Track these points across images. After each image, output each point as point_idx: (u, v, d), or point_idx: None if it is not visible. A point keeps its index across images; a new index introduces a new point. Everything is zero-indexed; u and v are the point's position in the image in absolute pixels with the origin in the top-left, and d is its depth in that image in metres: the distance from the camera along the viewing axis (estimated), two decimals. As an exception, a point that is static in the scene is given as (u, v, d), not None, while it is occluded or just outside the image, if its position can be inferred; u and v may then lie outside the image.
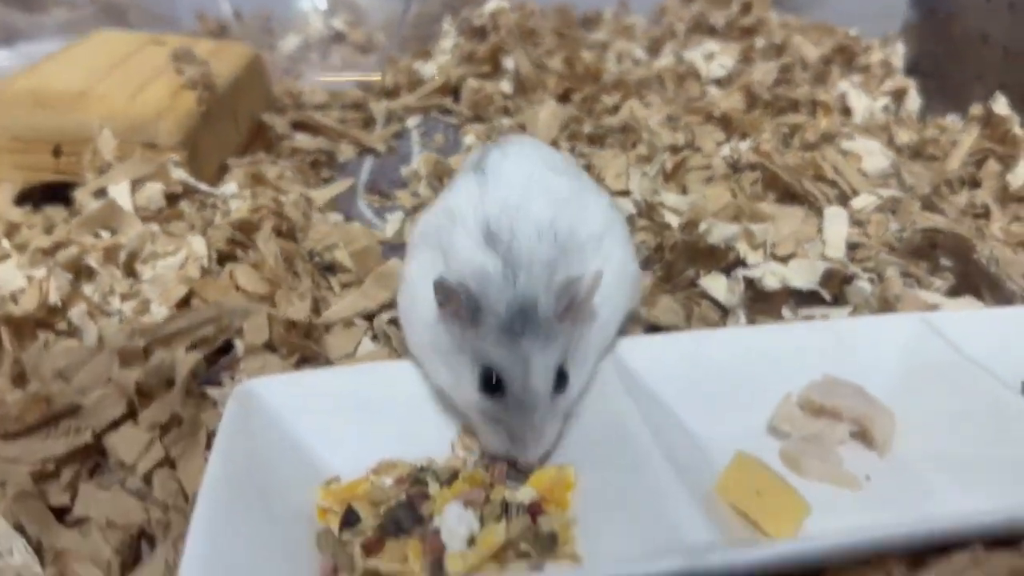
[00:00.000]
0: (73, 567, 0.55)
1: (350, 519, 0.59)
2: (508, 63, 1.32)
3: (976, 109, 1.16)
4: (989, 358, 0.68)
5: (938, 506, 0.60)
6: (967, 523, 0.51)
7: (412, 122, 1.29)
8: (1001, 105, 1.12)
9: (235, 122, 1.16)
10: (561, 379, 0.62)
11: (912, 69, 1.45)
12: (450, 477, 0.63)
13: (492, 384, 0.60)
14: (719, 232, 0.81)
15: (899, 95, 1.33)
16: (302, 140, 1.20)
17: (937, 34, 1.63)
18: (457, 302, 0.60)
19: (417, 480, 0.63)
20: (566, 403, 0.63)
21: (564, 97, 1.27)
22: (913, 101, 1.33)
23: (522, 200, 0.65)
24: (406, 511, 0.59)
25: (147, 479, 0.62)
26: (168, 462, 0.62)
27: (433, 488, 0.61)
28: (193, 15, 1.72)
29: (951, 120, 1.25)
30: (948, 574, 0.51)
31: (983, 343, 0.70)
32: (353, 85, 1.43)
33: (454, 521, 0.56)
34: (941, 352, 0.70)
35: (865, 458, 0.67)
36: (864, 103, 1.27)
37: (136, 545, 0.61)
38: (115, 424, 0.63)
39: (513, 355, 0.59)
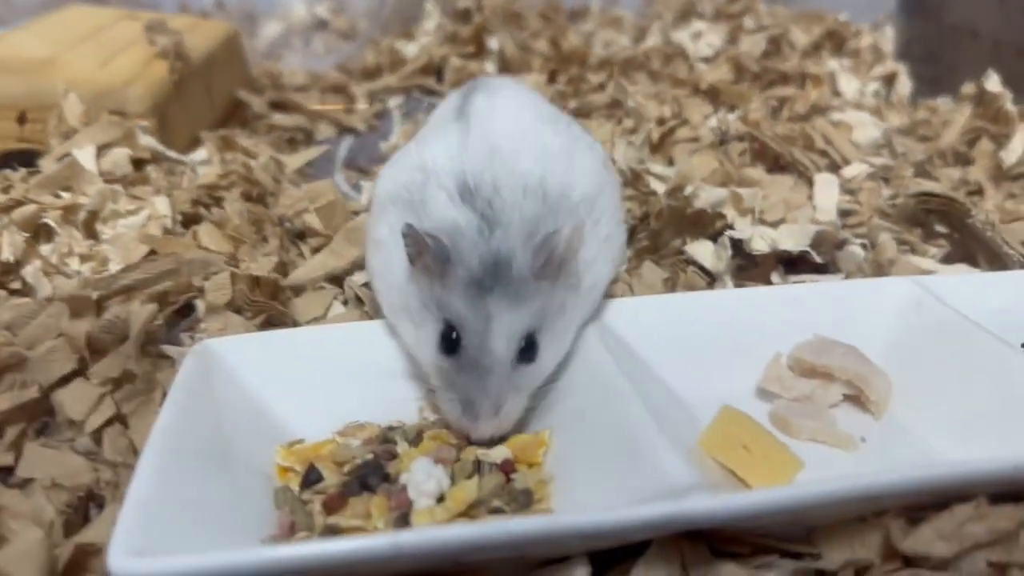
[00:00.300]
0: (9, 524, 0.51)
1: (312, 477, 0.55)
2: (492, 44, 1.30)
3: (968, 88, 1.14)
4: (986, 321, 0.65)
5: (939, 466, 0.57)
6: (970, 470, 0.48)
7: (394, 102, 1.26)
8: (993, 83, 1.10)
9: (209, 97, 1.12)
10: (529, 349, 0.56)
11: (903, 55, 1.43)
12: (418, 438, 0.59)
13: (451, 341, 0.55)
14: (706, 197, 0.78)
15: (889, 79, 1.31)
16: (280, 118, 1.17)
17: (927, 25, 1.61)
18: (426, 252, 0.55)
19: (385, 439, 0.59)
20: (532, 378, 0.57)
21: (550, 78, 1.24)
22: (904, 85, 1.30)
23: (509, 154, 0.60)
24: (373, 469, 0.55)
25: (97, 438, 0.58)
26: (119, 419, 0.58)
27: (402, 447, 0.58)
28: (175, 3, 1.69)
29: (942, 102, 1.22)
30: (951, 527, 0.48)
31: (979, 306, 0.67)
32: (333, 68, 1.40)
33: (422, 476, 0.52)
34: (937, 313, 0.67)
35: (860, 421, 0.63)
36: (854, 86, 1.25)
37: (85, 507, 0.57)
38: (64, 380, 0.60)
39: (475, 311, 0.54)
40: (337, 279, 0.74)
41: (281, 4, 1.66)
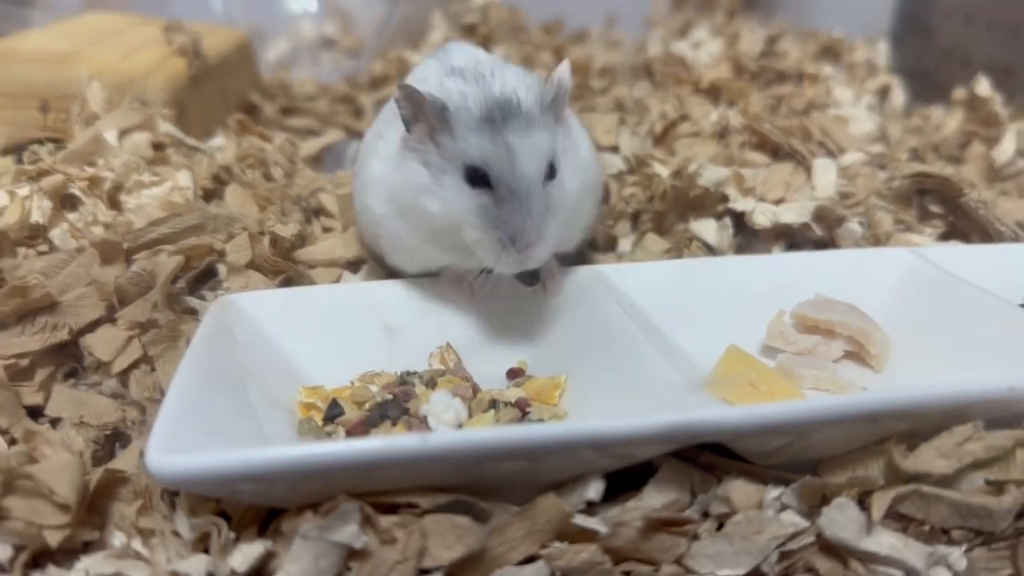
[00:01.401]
0: (43, 449, 0.53)
1: (334, 411, 0.57)
2: (497, 53, 1.33)
3: (959, 93, 1.17)
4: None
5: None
6: (966, 390, 0.50)
7: (401, 108, 1.29)
8: (983, 87, 1.13)
9: (224, 98, 1.15)
10: (551, 168, 0.59)
11: (896, 70, 1.47)
12: (433, 382, 0.61)
13: (479, 177, 0.58)
14: (709, 175, 0.81)
15: (884, 92, 1.35)
16: (292, 121, 1.20)
17: (919, 47, 1.66)
18: (422, 107, 0.58)
19: (403, 382, 0.61)
20: (560, 199, 0.60)
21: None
22: (898, 98, 1.34)
23: (486, 56, 0.68)
24: (393, 404, 0.57)
25: (124, 380, 0.60)
26: (146, 361, 0.60)
27: (419, 389, 0.60)
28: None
29: (935, 111, 1.26)
30: (950, 446, 0.50)
31: (974, 275, 0.69)
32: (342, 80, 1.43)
33: (441, 406, 0.55)
34: (935, 277, 0.69)
35: (861, 375, 0.66)
36: (849, 97, 1.28)
37: (111, 446, 0.59)
38: (93, 325, 0.62)
39: (495, 143, 0.57)
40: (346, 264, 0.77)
41: (290, 23, 1.71)
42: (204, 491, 0.47)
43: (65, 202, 0.78)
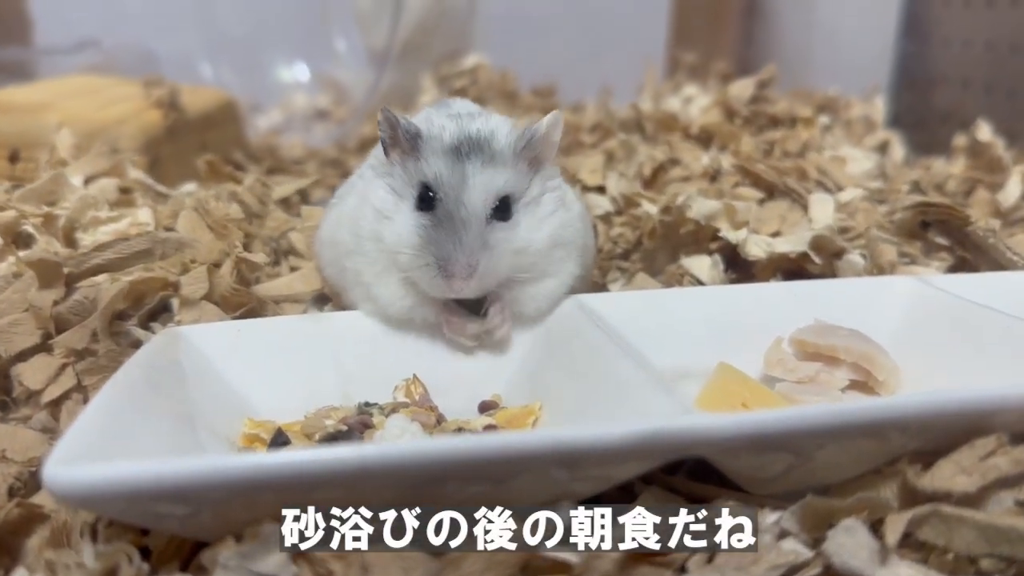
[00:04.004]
0: (-52, 483, 0.47)
1: (278, 440, 0.51)
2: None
3: (960, 140, 1.14)
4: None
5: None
6: (987, 395, 0.44)
7: (389, 167, 1.26)
8: (984, 132, 1.10)
9: (202, 154, 1.13)
10: (504, 208, 0.58)
11: (894, 123, 1.45)
12: (395, 412, 0.55)
13: (428, 198, 0.57)
14: (699, 207, 0.77)
15: (883, 148, 1.32)
16: (277, 179, 1.17)
17: (917, 109, 1.65)
18: (397, 131, 0.58)
19: (361, 412, 0.55)
20: (508, 240, 0.57)
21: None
22: (897, 152, 1.31)
23: (481, 110, 0.64)
24: (345, 435, 0.51)
25: (55, 412, 0.55)
26: (80, 390, 0.55)
27: (378, 419, 0.54)
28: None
29: (936, 161, 1.23)
30: (972, 460, 0.43)
31: (986, 302, 0.64)
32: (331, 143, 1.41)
33: (395, 431, 0.49)
34: (944, 303, 0.64)
35: (868, 405, 0.60)
36: (848, 152, 1.25)
37: (37, 483, 0.53)
38: (27, 354, 0.57)
39: (452, 170, 0.57)
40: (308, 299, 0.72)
41: (282, 95, 1.71)
42: (114, 513, 0.41)
43: (19, 240, 0.74)
